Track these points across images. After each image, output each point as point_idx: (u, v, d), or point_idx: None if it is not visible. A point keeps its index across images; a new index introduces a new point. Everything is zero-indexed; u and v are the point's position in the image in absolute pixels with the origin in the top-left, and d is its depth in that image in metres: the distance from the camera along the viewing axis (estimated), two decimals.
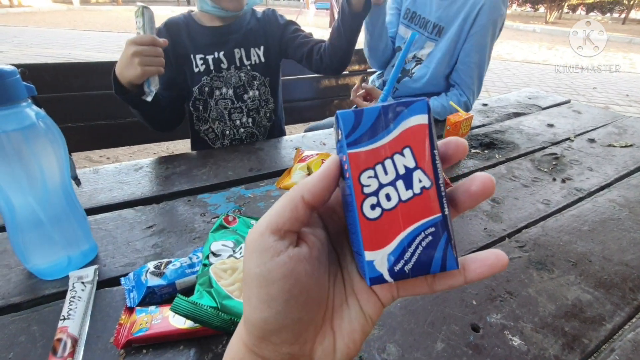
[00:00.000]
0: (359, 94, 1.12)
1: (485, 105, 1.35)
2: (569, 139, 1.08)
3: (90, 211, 0.67)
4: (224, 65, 0.98)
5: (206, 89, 0.99)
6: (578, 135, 1.11)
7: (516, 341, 0.47)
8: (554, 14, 11.77)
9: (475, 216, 0.71)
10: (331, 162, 0.20)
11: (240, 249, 0.52)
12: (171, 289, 0.49)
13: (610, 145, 1.04)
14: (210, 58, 0.96)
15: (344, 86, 1.51)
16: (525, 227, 0.69)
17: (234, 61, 0.98)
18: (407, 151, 0.19)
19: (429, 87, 1.21)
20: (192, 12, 1.00)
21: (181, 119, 1.03)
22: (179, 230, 0.64)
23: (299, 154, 0.85)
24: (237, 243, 0.53)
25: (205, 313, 0.42)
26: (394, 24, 1.31)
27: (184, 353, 0.43)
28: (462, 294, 0.53)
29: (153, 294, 0.48)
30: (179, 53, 0.95)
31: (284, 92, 1.32)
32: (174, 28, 0.96)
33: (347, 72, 1.52)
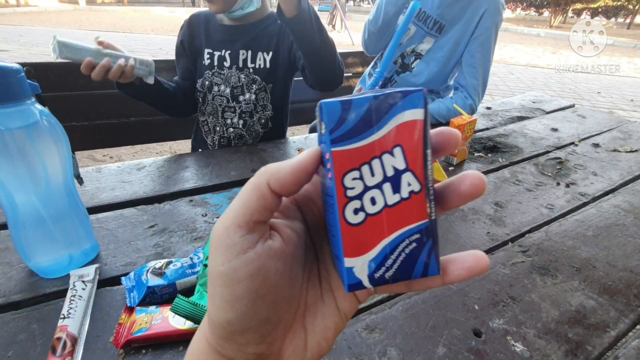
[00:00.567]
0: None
1: (489, 108, 1.34)
2: (573, 143, 1.07)
3: (92, 210, 0.67)
4: (227, 63, 1.00)
5: (207, 83, 1.02)
6: (582, 139, 1.10)
7: (519, 347, 0.46)
8: (559, 18, 11.74)
9: (478, 220, 0.71)
10: (309, 156, 0.18)
11: None
12: (171, 289, 0.49)
13: (615, 150, 1.04)
14: (217, 54, 1.00)
15: (347, 88, 1.51)
16: (529, 232, 0.68)
17: (237, 61, 1.00)
18: (398, 151, 0.17)
19: (429, 85, 1.23)
20: None
21: (197, 107, 1.09)
22: (180, 230, 0.64)
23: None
24: None
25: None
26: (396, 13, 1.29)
27: (183, 354, 0.43)
28: (465, 298, 0.53)
29: (153, 294, 0.48)
30: (195, 45, 1.01)
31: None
32: (195, 22, 1.03)
33: (351, 74, 1.52)
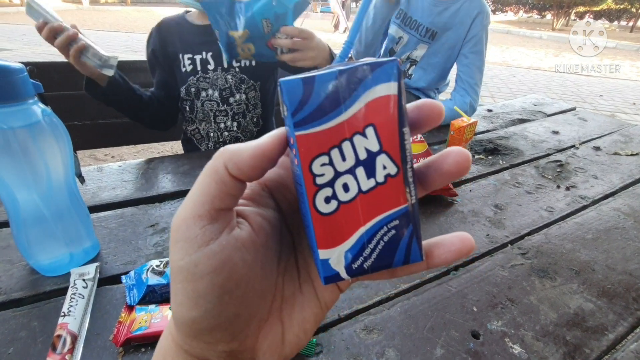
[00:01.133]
0: None
1: (489, 111, 1.34)
2: (574, 146, 1.07)
3: (93, 209, 0.68)
4: (211, 66, 0.95)
5: (192, 90, 0.97)
6: (583, 142, 1.10)
7: (516, 349, 0.46)
8: (561, 21, 11.73)
9: (478, 222, 0.71)
10: (272, 139, 0.16)
11: None
12: None
13: (615, 153, 1.03)
14: (198, 58, 0.94)
15: None
16: (528, 234, 0.68)
17: (221, 62, 0.96)
18: (370, 131, 0.16)
19: (430, 92, 1.31)
20: (188, 12, 0.99)
21: (175, 119, 1.03)
22: None
23: None
24: None
25: None
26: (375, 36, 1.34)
27: None
28: (463, 300, 0.53)
29: (153, 293, 0.48)
30: (169, 52, 0.95)
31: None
32: (164, 28, 0.96)
33: None
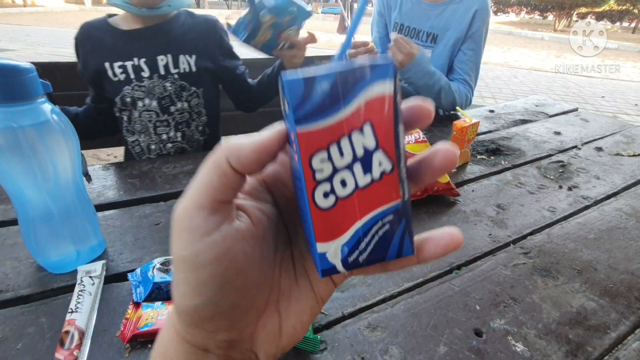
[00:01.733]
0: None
1: (491, 111, 1.34)
2: (576, 146, 1.08)
3: (99, 207, 0.68)
4: (145, 73, 0.88)
5: (128, 100, 0.89)
6: (585, 143, 1.10)
7: (519, 347, 0.46)
8: (563, 22, 11.72)
9: (480, 221, 0.71)
10: (273, 134, 0.17)
11: None
12: None
13: (617, 154, 1.04)
14: (129, 65, 0.86)
15: None
16: (531, 234, 0.69)
17: (157, 69, 0.88)
18: (368, 128, 0.16)
19: None
20: (111, 17, 0.92)
21: (119, 125, 0.97)
22: None
23: None
24: None
25: None
26: (384, 40, 1.35)
27: None
28: (466, 298, 0.53)
29: (159, 290, 0.49)
30: (95, 62, 0.87)
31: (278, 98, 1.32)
32: (86, 36, 0.88)
33: None
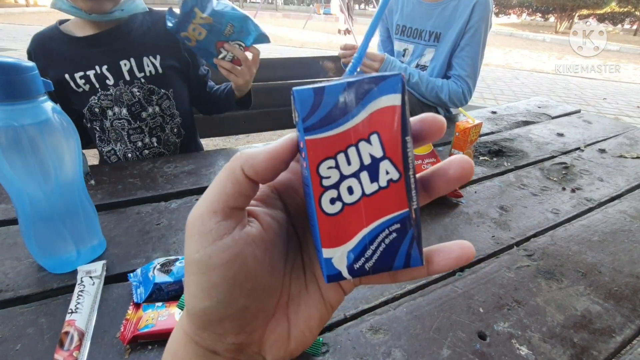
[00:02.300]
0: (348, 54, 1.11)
1: (494, 113, 1.34)
2: (579, 148, 1.07)
3: (100, 207, 0.68)
4: (110, 81, 0.84)
5: (96, 110, 0.85)
6: (588, 145, 1.10)
7: (523, 350, 0.46)
8: (564, 23, 11.72)
9: (483, 223, 0.71)
10: (285, 143, 0.18)
11: None
12: (178, 287, 0.49)
13: (621, 156, 1.03)
14: (91, 74, 0.82)
15: None
16: (534, 236, 0.68)
17: (121, 75, 0.84)
18: (375, 138, 0.17)
19: None
20: (63, 23, 0.87)
21: (90, 137, 0.93)
22: None
23: None
24: None
25: None
26: (386, 43, 1.35)
27: None
28: (469, 301, 0.53)
29: (160, 291, 0.48)
30: (51, 76, 0.80)
31: (275, 97, 1.29)
32: (39, 49, 0.83)
33: None
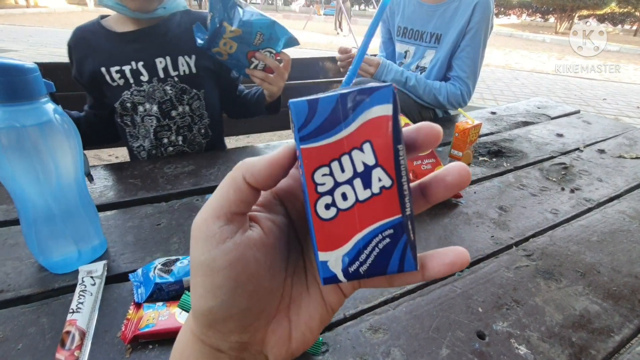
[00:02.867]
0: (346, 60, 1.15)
1: (493, 113, 1.34)
2: (578, 149, 1.07)
3: (101, 207, 0.68)
4: (144, 77, 0.85)
5: (128, 105, 0.87)
6: (588, 145, 1.10)
7: (522, 350, 0.46)
8: (564, 24, 11.73)
9: (482, 224, 0.71)
10: (284, 151, 0.19)
11: None
12: (178, 287, 0.50)
13: (620, 156, 1.03)
14: (127, 69, 0.83)
15: None
16: (533, 236, 0.68)
17: (156, 72, 0.85)
18: (367, 146, 0.18)
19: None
20: (104, 18, 0.88)
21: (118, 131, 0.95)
22: (187, 228, 0.64)
23: None
24: None
25: None
26: (388, 44, 1.36)
27: None
28: (468, 300, 0.53)
29: (160, 291, 0.49)
30: (91, 68, 0.83)
31: (285, 98, 1.32)
32: (80, 41, 0.85)
33: None
